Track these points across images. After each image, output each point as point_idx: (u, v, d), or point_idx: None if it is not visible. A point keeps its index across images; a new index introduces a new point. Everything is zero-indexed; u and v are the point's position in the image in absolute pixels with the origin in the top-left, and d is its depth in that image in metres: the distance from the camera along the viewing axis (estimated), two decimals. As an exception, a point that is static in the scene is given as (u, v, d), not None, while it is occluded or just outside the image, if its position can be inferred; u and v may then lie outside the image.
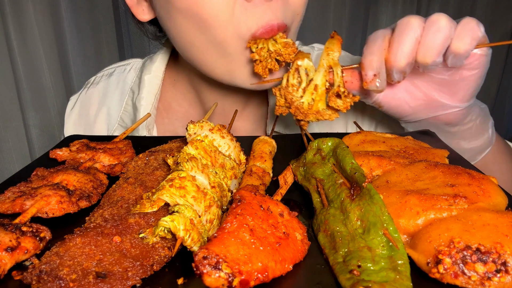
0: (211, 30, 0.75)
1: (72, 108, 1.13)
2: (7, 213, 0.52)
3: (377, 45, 0.68)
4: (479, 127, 0.79)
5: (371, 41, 0.69)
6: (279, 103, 0.73)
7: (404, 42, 0.66)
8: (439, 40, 0.64)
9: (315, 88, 0.70)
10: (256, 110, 1.06)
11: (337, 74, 0.70)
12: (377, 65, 0.67)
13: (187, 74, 1.00)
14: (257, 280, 0.40)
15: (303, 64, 0.72)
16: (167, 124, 1.06)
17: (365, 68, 0.68)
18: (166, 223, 0.44)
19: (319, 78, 0.70)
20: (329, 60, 0.70)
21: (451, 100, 0.73)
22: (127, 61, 1.15)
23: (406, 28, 0.66)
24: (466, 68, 0.70)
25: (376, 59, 0.67)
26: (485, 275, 0.39)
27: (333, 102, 0.69)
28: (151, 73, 1.03)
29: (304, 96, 0.70)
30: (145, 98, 1.01)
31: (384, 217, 0.46)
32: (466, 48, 0.65)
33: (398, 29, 0.67)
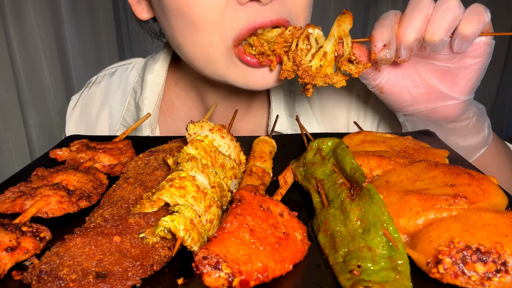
0: (199, 32, 0.75)
1: (73, 107, 1.12)
2: (7, 213, 0.52)
3: (388, 19, 0.70)
4: (475, 126, 0.80)
5: (383, 17, 0.72)
6: (286, 67, 0.74)
7: (415, 17, 0.68)
8: (448, 19, 0.66)
9: (324, 54, 0.71)
10: (258, 110, 1.05)
11: (347, 44, 0.71)
12: (387, 36, 0.69)
13: (189, 74, 1.00)
14: (257, 280, 0.40)
15: (314, 33, 0.73)
16: (169, 123, 1.06)
17: (375, 40, 0.70)
18: (166, 223, 0.44)
19: (329, 46, 0.71)
20: (339, 31, 0.72)
21: (452, 90, 0.74)
22: (129, 61, 1.15)
23: (418, 5, 0.68)
24: (470, 56, 0.71)
25: (386, 31, 0.69)
26: (485, 275, 0.39)
27: (345, 66, 0.71)
28: (154, 73, 1.03)
29: (313, 60, 0.72)
30: (148, 98, 1.01)
31: (384, 217, 0.46)
32: (473, 31, 0.66)
33: (410, 6, 0.69)
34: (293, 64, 0.73)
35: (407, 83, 0.77)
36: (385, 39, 0.69)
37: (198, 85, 1.00)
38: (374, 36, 0.70)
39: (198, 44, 0.77)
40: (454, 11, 0.66)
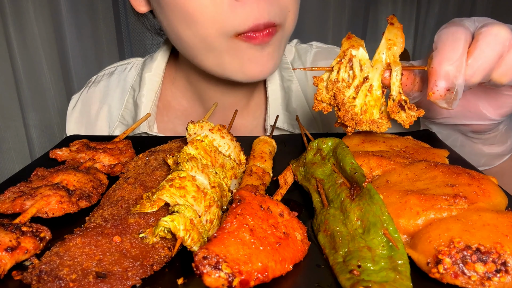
0: (196, 25, 0.77)
1: (73, 107, 1.14)
2: (7, 213, 0.52)
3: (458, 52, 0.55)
4: (504, 135, 0.77)
5: (449, 44, 0.56)
6: (322, 98, 0.61)
7: (489, 56, 0.55)
8: None
9: (370, 89, 0.58)
10: (256, 107, 1.06)
11: (397, 78, 0.57)
12: (454, 77, 0.54)
13: (186, 72, 1.02)
14: (257, 280, 0.40)
15: (358, 55, 0.59)
16: (166, 122, 1.07)
17: (435, 76, 0.55)
18: (166, 223, 0.44)
19: (375, 78, 0.58)
20: (388, 55, 0.57)
21: (493, 113, 0.69)
22: (128, 60, 1.16)
23: (494, 41, 0.55)
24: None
25: (455, 71, 0.54)
26: (485, 275, 0.39)
27: (396, 115, 0.58)
28: (152, 71, 1.05)
29: (358, 99, 0.58)
30: (145, 96, 1.02)
31: (384, 217, 0.46)
32: None
33: (484, 39, 0.55)
34: (331, 96, 0.61)
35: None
36: (451, 81, 0.54)
37: (195, 83, 1.01)
38: (436, 70, 0.55)
39: (196, 34, 0.79)
40: None
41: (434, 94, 0.55)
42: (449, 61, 0.54)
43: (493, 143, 0.78)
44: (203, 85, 1.00)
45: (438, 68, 0.55)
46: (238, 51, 0.80)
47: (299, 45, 1.14)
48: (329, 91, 0.60)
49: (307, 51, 1.11)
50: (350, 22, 2.56)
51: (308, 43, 1.15)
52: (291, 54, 1.12)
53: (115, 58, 2.25)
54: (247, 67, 0.82)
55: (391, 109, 0.58)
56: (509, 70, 0.56)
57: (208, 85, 0.99)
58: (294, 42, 1.15)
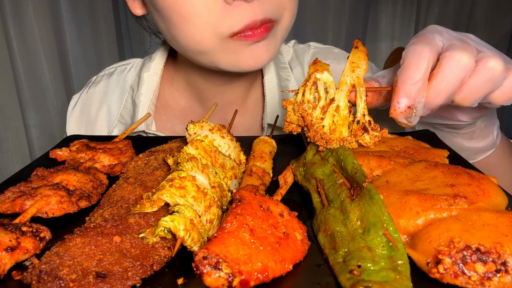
0: (191, 28, 0.78)
1: (73, 107, 1.15)
2: (7, 213, 0.52)
3: (420, 72, 0.56)
4: (484, 130, 0.78)
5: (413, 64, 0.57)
6: (290, 119, 0.64)
7: (449, 82, 0.56)
8: (486, 90, 0.58)
9: (337, 109, 0.60)
10: (253, 106, 1.07)
11: (361, 98, 0.60)
12: (415, 96, 0.56)
13: (185, 71, 1.03)
14: (257, 280, 0.40)
15: (323, 78, 0.62)
16: (165, 121, 1.08)
17: (398, 95, 0.57)
18: (166, 223, 0.44)
19: (341, 98, 0.60)
20: (353, 78, 0.60)
21: (465, 117, 0.70)
22: (128, 61, 1.18)
23: (456, 67, 0.56)
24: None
25: (415, 91, 0.56)
26: (485, 275, 0.39)
27: (360, 138, 0.61)
28: (150, 71, 1.06)
29: (325, 119, 0.61)
30: (144, 95, 1.03)
31: (384, 217, 0.46)
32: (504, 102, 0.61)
33: (447, 63, 0.56)
34: (299, 118, 0.63)
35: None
36: (412, 100, 0.56)
37: (193, 83, 1.02)
38: (398, 89, 0.56)
39: (190, 38, 0.80)
40: (496, 82, 0.57)
41: (395, 112, 0.57)
42: (412, 80, 0.56)
43: (472, 138, 0.78)
44: (202, 84, 1.01)
45: (401, 87, 0.57)
46: (233, 51, 0.81)
47: (297, 46, 1.14)
48: (296, 113, 0.63)
49: (305, 52, 1.12)
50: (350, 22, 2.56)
51: (306, 43, 1.15)
52: (289, 54, 1.12)
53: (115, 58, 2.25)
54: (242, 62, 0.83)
55: (355, 132, 0.61)
56: (470, 95, 0.58)
57: (206, 84, 1.00)
58: (292, 42, 1.15)
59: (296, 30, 2.53)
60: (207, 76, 0.97)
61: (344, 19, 2.55)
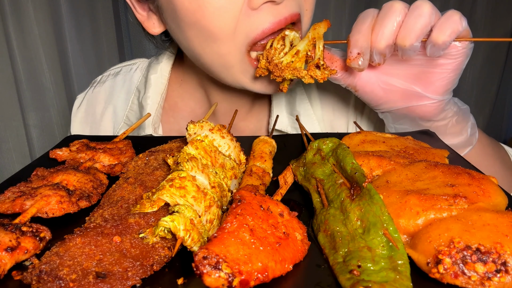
0: (217, 42, 0.77)
1: (78, 106, 1.14)
2: (7, 213, 0.52)
3: (365, 25, 0.70)
4: (456, 126, 0.80)
5: (360, 20, 0.71)
6: (260, 65, 0.76)
7: (386, 25, 0.68)
8: (419, 25, 0.66)
9: (297, 53, 0.74)
10: (259, 110, 1.06)
11: (319, 48, 0.74)
12: (362, 44, 0.70)
13: (196, 73, 1.01)
14: (257, 280, 0.40)
15: (290, 35, 0.76)
16: (172, 123, 1.07)
17: (350, 46, 0.71)
18: (166, 223, 0.44)
19: (302, 45, 0.74)
20: (314, 34, 0.75)
21: (425, 90, 0.75)
22: (134, 61, 1.17)
23: (389, 12, 0.68)
24: (444, 57, 0.71)
25: (362, 39, 0.70)
26: (485, 275, 0.39)
27: (312, 71, 0.73)
28: (157, 73, 1.04)
29: (285, 57, 0.74)
30: (151, 97, 1.02)
31: (384, 217, 0.46)
32: (445, 40, 0.66)
33: (382, 12, 0.70)
34: (266, 62, 0.76)
35: (380, 82, 0.78)
36: (359, 47, 0.70)
37: (204, 85, 1.01)
38: (350, 41, 0.71)
39: (216, 52, 0.79)
40: (425, 18, 0.66)
41: (349, 60, 0.71)
42: (358, 32, 0.70)
43: (446, 134, 0.80)
44: (212, 87, 1.00)
45: (351, 39, 0.71)
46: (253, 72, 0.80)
47: None
48: (264, 57, 0.76)
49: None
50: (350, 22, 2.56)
51: None
52: None
53: (115, 58, 2.25)
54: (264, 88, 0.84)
55: (309, 67, 0.74)
56: (406, 34, 0.67)
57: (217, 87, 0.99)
58: None
59: (296, 30, 2.52)
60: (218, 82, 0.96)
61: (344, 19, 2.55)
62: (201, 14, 0.74)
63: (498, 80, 2.90)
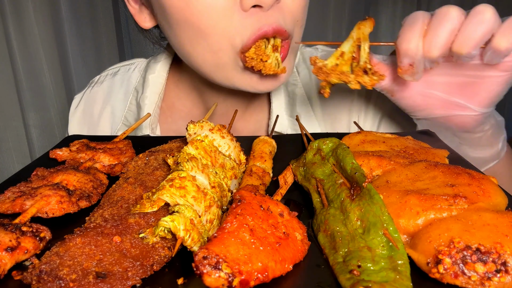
0: (208, 40, 0.76)
1: (76, 106, 1.14)
2: (7, 213, 0.52)
3: (415, 31, 0.64)
4: (490, 138, 0.77)
5: (409, 25, 0.65)
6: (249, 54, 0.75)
7: (440, 33, 0.63)
8: (480, 32, 0.61)
9: (341, 55, 0.69)
10: (259, 110, 1.06)
11: (364, 50, 0.68)
12: (413, 53, 0.64)
13: (190, 74, 1.01)
14: (257, 280, 0.40)
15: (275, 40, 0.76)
16: (170, 123, 1.07)
17: (400, 55, 0.65)
18: (166, 223, 0.44)
19: (346, 47, 0.69)
20: (359, 34, 0.68)
21: (470, 101, 0.70)
22: (132, 61, 1.16)
23: (444, 18, 0.63)
24: (496, 69, 0.67)
25: (412, 48, 0.64)
26: (485, 275, 0.39)
27: (360, 78, 0.68)
28: (155, 73, 1.04)
29: (329, 59, 0.70)
30: (149, 97, 1.02)
31: (384, 217, 0.46)
32: (508, 46, 0.62)
33: (436, 18, 0.64)
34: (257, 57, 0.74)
35: (420, 88, 0.73)
36: (411, 57, 0.64)
37: (199, 86, 1.01)
38: (399, 50, 0.65)
39: (207, 50, 0.78)
40: (488, 24, 0.61)
41: (401, 71, 0.67)
42: (408, 40, 0.64)
43: (478, 146, 0.77)
44: (207, 88, 0.99)
45: (400, 47, 0.65)
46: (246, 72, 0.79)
47: (304, 49, 1.13)
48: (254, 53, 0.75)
49: (312, 55, 1.11)
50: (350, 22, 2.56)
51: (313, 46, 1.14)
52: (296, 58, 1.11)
53: (115, 58, 2.25)
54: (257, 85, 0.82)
55: (355, 72, 0.69)
56: (465, 40, 0.62)
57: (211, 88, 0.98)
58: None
59: (296, 30, 2.52)
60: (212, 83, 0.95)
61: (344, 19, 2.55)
62: (189, 12, 0.73)
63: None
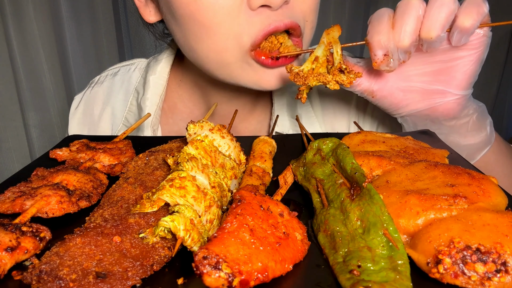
0: (213, 37, 0.75)
1: (76, 107, 1.13)
2: (7, 213, 0.52)
3: (383, 24, 0.67)
4: (476, 123, 0.78)
5: (376, 20, 0.68)
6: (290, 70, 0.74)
7: (407, 21, 0.65)
8: (444, 14, 0.64)
9: (316, 59, 0.71)
10: (261, 111, 1.06)
11: (337, 52, 0.70)
12: (385, 44, 0.66)
13: (193, 75, 1.01)
14: (257, 280, 0.40)
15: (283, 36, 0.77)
16: (171, 124, 1.06)
17: (374, 48, 0.67)
18: (166, 223, 0.44)
19: (319, 51, 0.71)
20: (328, 38, 0.71)
21: (448, 85, 0.72)
22: (132, 61, 1.15)
23: (407, 7, 0.66)
24: (465, 49, 0.69)
25: (384, 38, 0.66)
26: (485, 275, 0.39)
27: (337, 77, 0.70)
28: (156, 74, 1.03)
29: (304, 64, 0.71)
30: (150, 99, 1.01)
31: (384, 217, 0.46)
32: (473, 23, 0.64)
33: (399, 9, 0.67)
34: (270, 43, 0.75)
35: (398, 83, 0.75)
36: (384, 47, 0.66)
37: (202, 86, 1.00)
38: (371, 44, 0.68)
39: (212, 48, 0.77)
40: (449, 6, 0.64)
41: (376, 63, 0.68)
42: (378, 33, 0.67)
43: (467, 132, 0.78)
44: (210, 89, 0.99)
45: (371, 41, 0.67)
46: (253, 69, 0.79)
47: None
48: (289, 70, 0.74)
49: None
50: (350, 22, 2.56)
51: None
52: None
53: (115, 58, 2.25)
54: (263, 81, 0.82)
55: (332, 72, 0.70)
56: (431, 25, 0.65)
57: (215, 89, 0.98)
58: None
59: (296, 30, 2.52)
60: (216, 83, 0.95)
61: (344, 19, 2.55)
62: (195, 7, 0.73)
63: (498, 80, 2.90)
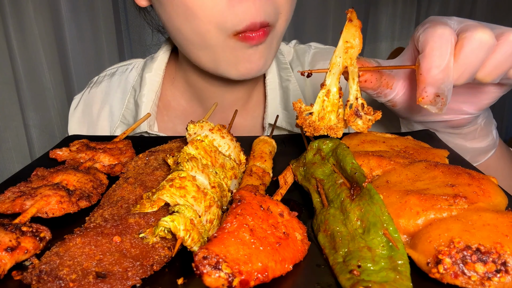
0: (196, 20, 0.78)
1: (75, 107, 1.15)
2: (7, 213, 0.52)
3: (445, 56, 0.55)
4: (483, 129, 0.78)
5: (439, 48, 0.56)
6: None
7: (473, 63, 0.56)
8: (509, 64, 0.58)
9: (327, 94, 0.57)
10: (254, 107, 1.07)
11: (353, 80, 0.56)
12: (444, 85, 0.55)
13: (185, 72, 1.03)
14: (257, 280, 0.40)
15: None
16: (166, 121, 1.08)
17: (426, 83, 0.56)
18: (166, 223, 0.44)
19: (333, 83, 0.57)
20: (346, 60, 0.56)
21: (468, 107, 0.70)
22: (129, 61, 1.18)
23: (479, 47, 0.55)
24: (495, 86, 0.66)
25: (445, 79, 0.55)
26: (485, 275, 0.39)
27: (352, 124, 0.58)
28: (152, 71, 1.06)
29: (315, 104, 0.59)
30: (146, 96, 1.03)
31: (384, 217, 0.46)
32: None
33: (469, 45, 0.55)
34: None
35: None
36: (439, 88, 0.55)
37: (194, 83, 1.02)
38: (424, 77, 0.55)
39: (195, 30, 0.80)
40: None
41: (424, 100, 0.56)
42: (438, 68, 0.55)
43: (474, 138, 0.78)
44: (202, 84, 1.01)
45: (426, 75, 0.56)
46: (234, 50, 0.81)
47: (297, 46, 1.14)
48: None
49: (306, 52, 1.12)
50: (350, 22, 2.56)
51: (307, 43, 1.15)
52: (290, 54, 1.12)
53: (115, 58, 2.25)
54: (241, 65, 0.84)
55: (347, 117, 0.58)
56: (492, 70, 0.58)
57: (206, 84, 1.00)
58: (293, 43, 1.16)
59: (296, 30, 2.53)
60: (207, 77, 0.97)
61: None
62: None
63: (498, 80, 2.89)
